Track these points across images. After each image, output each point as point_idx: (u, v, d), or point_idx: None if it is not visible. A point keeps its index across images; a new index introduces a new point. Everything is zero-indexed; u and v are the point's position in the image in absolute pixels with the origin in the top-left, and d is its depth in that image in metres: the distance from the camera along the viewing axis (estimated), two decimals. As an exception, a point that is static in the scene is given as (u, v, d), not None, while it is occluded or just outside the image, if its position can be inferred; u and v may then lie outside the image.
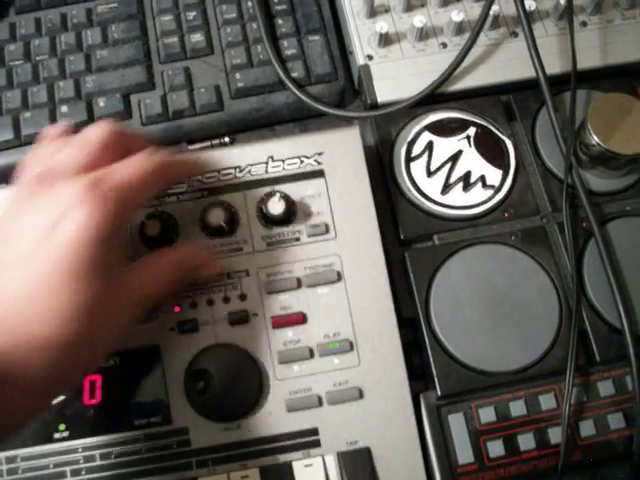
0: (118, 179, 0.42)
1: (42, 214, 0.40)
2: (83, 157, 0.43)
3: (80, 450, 0.49)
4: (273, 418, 0.50)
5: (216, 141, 0.63)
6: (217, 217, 0.51)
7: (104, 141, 0.44)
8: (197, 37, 0.63)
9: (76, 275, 0.39)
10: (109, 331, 0.43)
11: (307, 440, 0.49)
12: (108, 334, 0.43)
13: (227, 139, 0.63)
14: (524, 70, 0.60)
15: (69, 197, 0.40)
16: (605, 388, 0.52)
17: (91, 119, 0.61)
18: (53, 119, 0.61)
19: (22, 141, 0.60)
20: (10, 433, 0.40)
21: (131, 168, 0.44)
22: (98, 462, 0.49)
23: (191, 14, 0.64)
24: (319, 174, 0.54)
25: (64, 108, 0.61)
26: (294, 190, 0.53)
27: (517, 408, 0.51)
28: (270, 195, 0.52)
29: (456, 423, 0.51)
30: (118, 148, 0.45)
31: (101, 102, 0.61)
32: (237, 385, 0.49)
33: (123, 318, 0.44)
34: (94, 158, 0.43)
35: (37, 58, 0.63)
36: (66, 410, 0.50)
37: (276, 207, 0.51)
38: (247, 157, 0.54)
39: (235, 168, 0.54)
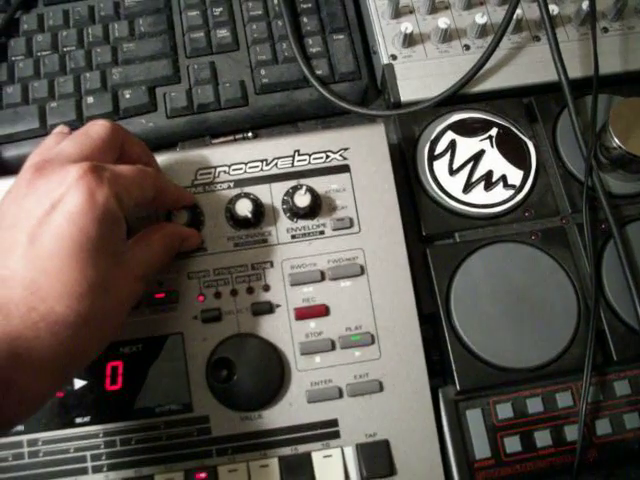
0: (117, 170, 0.43)
1: (42, 196, 0.40)
2: (81, 149, 0.43)
3: (101, 435, 0.49)
4: (293, 409, 0.50)
5: (239, 136, 0.64)
6: (244, 208, 0.51)
7: (103, 137, 0.45)
8: (223, 33, 0.64)
9: (84, 253, 0.40)
10: (118, 307, 0.43)
11: (327, 431, 0.50)
12: (117, 310, 0.43)
13: (250, 134, 0.64)
14: (546, 73, 0.61)
15: (68, 178, 0.40)
16: (621, 388, 0.52)
17: (117, 110, 0.62)
18: (79, 109, 0.62)
19: (48, 130, 0.61)
20: (25, 416, 0.41)
21: (130, 167, 0.45)
22: (118, 447, 0.49)
23: (217, 10, 0.65)
24: (344, 169, 0.54)
25: (90, 99, 0.62)
26: (319, 184, 0.54)
27: (534, 405, 0.52)
28: (296, 188, 0.52)
29: (474, 418, 0.51)
30: (116, 147, 0.46)
31: (127, 94, 0.62)
32: (259, 375, 0.50)
33: (129, 294, 0.44)
34: (91, 152, 0.44)
35: (64, 49, 0.64)
36: (88, 395, 0.50)
37: (302, 200, 0.51)
38: (274, 150, 0.55)
39: (262, 161, 0.54)
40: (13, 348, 0.37)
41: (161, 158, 0.53)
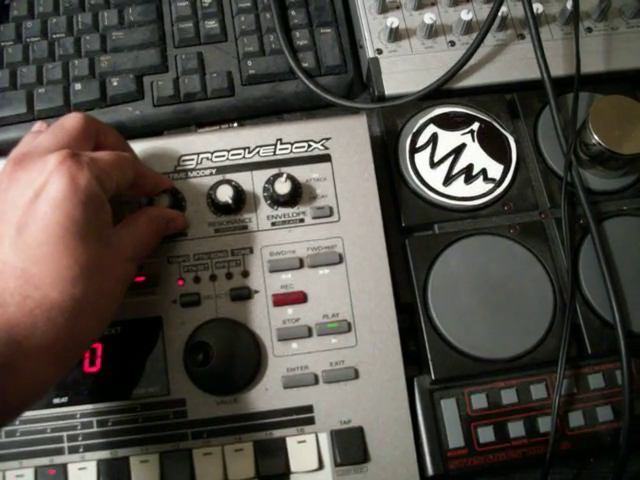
0: (95, 155, 0.44)
1: (24, 186, 0.41)
2: (57, 140, 0.44)
3: (78, 416, 0.50)
4: (269, 394, 0.50)
5: (225, 126, 0.64)
6: (224, 194, 0.52)
7: (77, 128, 0.45)
8: (211, 24, 0.65)
9: (72, 237, 0.40)
10: (112, 289, 0.44)
11: (301, 417, 0.50)
12: (111, 292, 0.44)
13: (236, 124, 0.64)
14: (529, 71, 0.62)
15: (48, 166, 0.41)
16: (595, 381, 0.53)
17: (104, 98, 0.62)
18: (66, 96, 0.62)
19: (35, 116, 0.62)
20: (28, 404, 0.41)
21: (107, 152, 0.46)
22: (95, 429, 0.50)
23: (207, 1, 0.66)
24: (326, 158, 0.55)
25: (78, 86, 0.62)
26: (301, 173, 0.54)
27: (508, 396, 0.52)
28: (277, 176, 0.53)
29: (448, 408, 0.52)
30: (91, 136, 0.47)
31: (114, 82, 0.62)
32: (235, 359, 0.50)
33: (121, 275, 0.45)
34: (68, 142, 0.44)
35: (54, 36, 0.65)
36: (66, 376, 0.50)
37: (282, 188, 0.52)
38: (256, 138, 0.55)
39: (244, 149, 0.55)
40: (12, 335, 0.37)
41: (144, 144, 0.54)
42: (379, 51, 0.63)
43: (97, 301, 0.42)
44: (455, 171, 0.58)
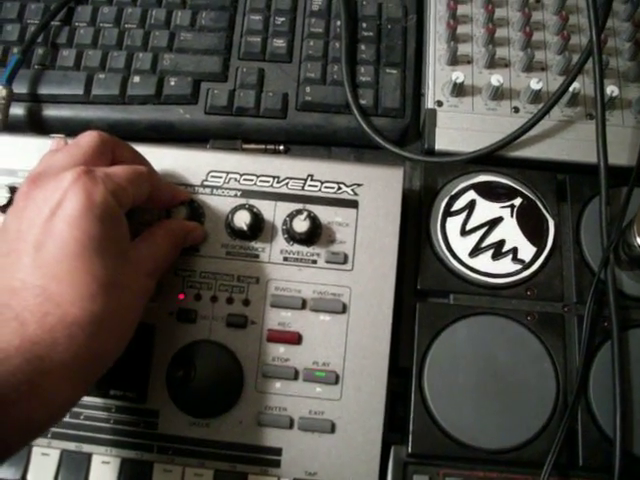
0: (110, 170, 0.44)
1: (40, 204, 0.41)
2: (73, 158, 0.44)
3: (53, 403, 0.50)
4: (242, 427, 0.50)
5: (271, 146, 0.64)
6: (241, 219, 0.51)
7: (93, 146, 0.46)
8: (279, 42, 0.64)
9: (90, 253, 0.40)
10: (131, 304, 0.44)
11: (268, 458, 0.50)
12: (131, 307, 0.44)
13: (282, 147, 0.64)
14: (589, 154, 0.58)
15: (64, 183, 0.41)
16: (580, 495, 0.50)
17: (158, 95, 0.63)
18: (123, 86, 0.63)
19: (89, 99, 0.63)
20: (50, 422, 0.41)
21: (122, 166, 0.46)
22: (67, 419, 0.50)
23: (280, 19, 0.65)
24: (352, 204, 0.53)
25: (136, 78, 0.63)
26: (324, 213, 0.53)
27: (485, 488, 0.50)
28: (298, 212, 0.52)
29: (419, 485, 0.50)
30: (107, 153, 0.47)
31: (172, 81, 0.63)
32: (216, 385, 0.50)
33: (140, 290, 0.45)
34: (83, 159, 0.44)
35: (125, 25, 0.66)
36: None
37: (300, 225, 0.51)
38: (288, 170, 0.54)
39: (274, 177, 0.54)
40: (33, 352, 0.38)
41: (177, 152, 0.54)
42: (439, 103, 0.61)
43: (117, 317, 0.42)
44: (485, 244, 0.55)
